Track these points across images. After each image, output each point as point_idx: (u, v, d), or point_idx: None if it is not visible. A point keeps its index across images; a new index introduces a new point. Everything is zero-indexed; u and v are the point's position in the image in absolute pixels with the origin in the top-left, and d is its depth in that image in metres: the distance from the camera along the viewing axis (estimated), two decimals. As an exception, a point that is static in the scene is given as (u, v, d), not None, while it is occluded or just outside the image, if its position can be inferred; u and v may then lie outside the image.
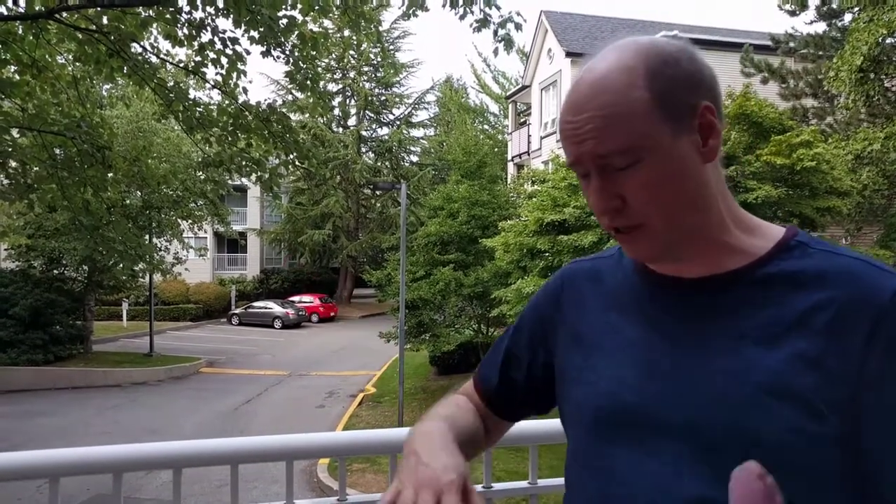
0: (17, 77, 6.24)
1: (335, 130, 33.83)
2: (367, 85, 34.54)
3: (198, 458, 1.38)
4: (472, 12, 5.80)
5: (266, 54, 6.46)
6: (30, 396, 15.28)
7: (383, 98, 35.51)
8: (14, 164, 6.76)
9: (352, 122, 35.24)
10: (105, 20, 6.00)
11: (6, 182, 6.97)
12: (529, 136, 24.48)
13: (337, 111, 34.13)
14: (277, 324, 27.54)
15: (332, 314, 30.17)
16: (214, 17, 6.15)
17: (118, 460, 1.34)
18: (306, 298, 30.17)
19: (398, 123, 35.87)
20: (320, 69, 12.18)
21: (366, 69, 34.14)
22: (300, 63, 6.88)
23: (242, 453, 1.40)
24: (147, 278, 21.01)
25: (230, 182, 11.29)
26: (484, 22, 5.84)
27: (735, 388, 0.72)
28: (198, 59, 6.44)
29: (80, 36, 5.92)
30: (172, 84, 6.92)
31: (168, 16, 6.00)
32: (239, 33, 6.20)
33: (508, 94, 29.30)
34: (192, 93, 7.67)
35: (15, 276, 18.41)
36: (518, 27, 5.95)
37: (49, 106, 6.64)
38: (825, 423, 0.68)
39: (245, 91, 6.85)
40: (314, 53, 6.92)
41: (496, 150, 30.53)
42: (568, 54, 20.56)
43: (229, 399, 15.05)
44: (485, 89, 37.60)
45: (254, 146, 7.34)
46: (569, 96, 0.77)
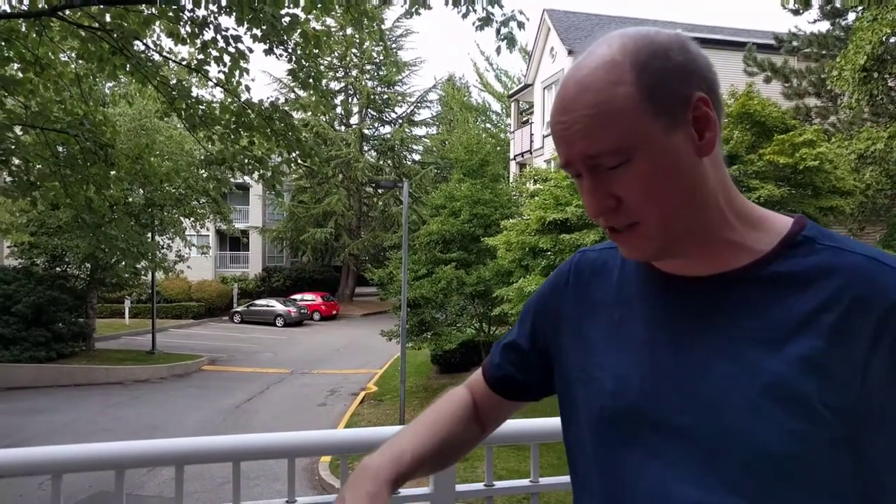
0: (21, 75, 6.26)
1: (337, 129, 33.82)
2: (370, 83, 34.54)
3: (200, 456, 1.38)
4: (475, 10, 5.79)
5: (268, 52, 6.47)
6: (32, 393, 15.31)
7: (385, 96, 35.48)
8: (17, 162, 6.76)
9: (354, 121, 35.25)
10: (108, 18, 6.02)
11: (9, 179, 6.97)
12: (532, 135, 24.46)
13: (339, 109, 34.15)
14: (279, 322, 27.56)
15: (334, 312, 30.21)
16: (217, 15, 6.16)
17: (120, 457, 1.34)
18: (308, 296, 30.19)
19: (400, 122, 35.85)
20: (323, 67, 12.19)
21: (368, 67, 34.14)
22: (302, 61, 6.89)
23: (244, 451, 1.40)
24: (149, 276, 21.04)
25: (232, 180, 11.30)
26: (486, 20, 5.82)
27: (737, 392, 0.70)
28: (200, 57, 6.45)
29: (83, 33, 5.93)
30: (175, 82, 6.93)
31: (171, 14, 5.99)
32: (241, 31, 6.21)
33: (511, 93, 29.29)
34: (195, 91, 7.66)
35: (18, 274, 18.43)
36: (520, 25, 5.92)
37: (52, 104, 6.65)
38: (828, 427, 0.67)
39: (247, 89, 6.87)
40: (316, 51, 6.92)
41: (498, 149, 30.49)
42: (570, 53, 20.52)
43: (231, 397, 15.06)
44: (487, 88, 37.57)
45: (256, 144, 7.35)
46: (557, 96, 0.76)
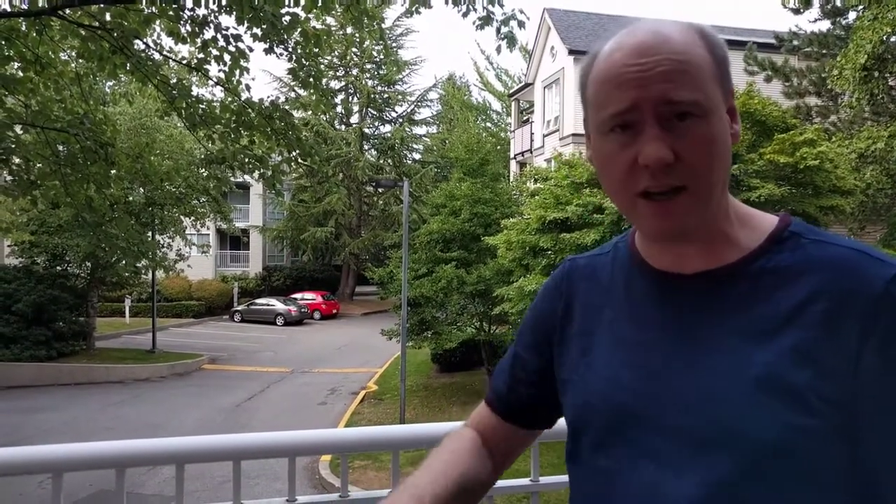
0: (21, 74, 6.26)
1: (338, 128, 33.80)
2: (370, 82, 34.51)
3: (200, 455, 1.38)
4: (475, 9, 5.78)
5: (269, 51, 6.46)
6: (33, 392, 15.32)
7: (386, 95, 35.47)
8: (17, 161, 6.76)
9: (354, 120, 35.23)
10: (108, 17, 6.00)
11: (10, 178, 6.97)
12: (532, 134, 24.45)
13: (339, 108, 34.14)
14: (280, 321, 27.57)
15: (335, 311, 30.21)
16: (217, 15, 6.15)
17: (121, 456, 1.34)
18: (308, 295, 30.19)
19: (401, 121, 35.84)
20: (323, 66, 12.18)
21: (368, 66, 34.11)
22: (303, 60, 6.88)
23: (245, 450, 1.40)
24: (150, 275, 21.05)
25: (233, 179, 11.30)
26: (487, 19, 5.82)
27: (728, 386, 0.71)
28: (200, 56, 6.45)
29: (83, 32, 5.93)
30: (175, 81, 6.93)
31: (171, 13, 5.99)
32: (241, 30, 6.20)
33: (511, 92, 29.28)
34: (195, 90, 7.66)
35: (18, 273, 18.44)
36: (521, 25, 5.92)
37: (52, 103, 6.65)
38: (821, 419, 0.67)
39: (248, 88, 6.86)
40: (317, 51, 6.92)
41: (499, 148, 30.49)
42: (571, 52, 20.50)
43: (231, 396, 15.07)
44: (487, 87, 37.53)
45: (256, 143, 7.35)
46: (626, 42, 0.73)
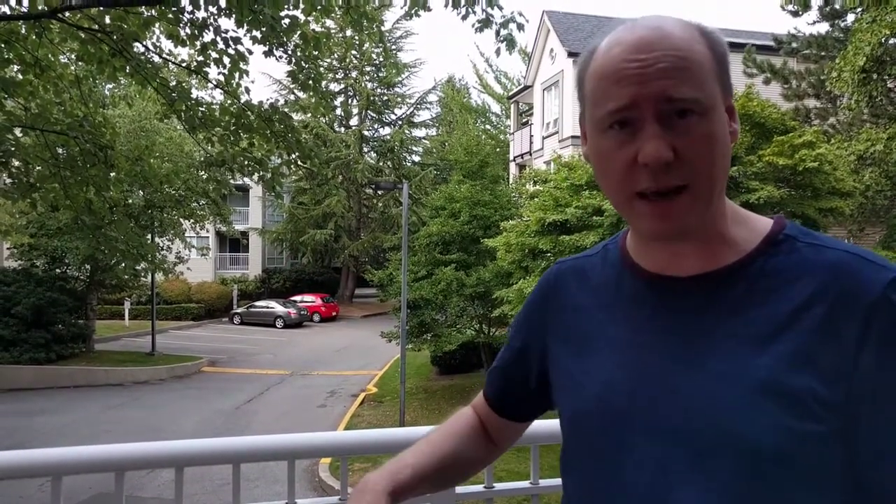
0: (20, 76, 6.25)
1: (337, 130, 33.84)
2: (369, 85, 34.56)
3: (200, 458, 1.38)
4: (475, 12, 5.78)
5: (268, 54, 6.47)
6: (32, 395, 15.30)
7: (385, 98, 35.52)
8: (17, 164, 6.77)
9: (354, 122, 35.27)
10: (108, 20, 6.01)
11: (9, 181, 6.98)
12: (531, 137, 24.46)
13: (339, 111, 34.17)
14: (279, 323, 27.56)
15: (334, 314, 30.21)
16: (217, 17, 6.16)
17: (120, 459, 1.34)
18: (308, 298, 30.18)
19: (400, 123, 35.88)
20: (322, 69, 12.18)
21: (368, 69, 34.16)
22: (302, 63, 6.88)
23: (244, 452, 1.40)
24: (149, 278, 21.04)
25: (232, 181, 11.30)
26: (486, 22, 5.82)
27: (726, 390, 0.69)
28: (200, 59, 6.45)
29: (83, 35, 5.93)
30: (175, 84, 6.93)
31: (170, 15, 6.00)
32: (241, 33, 6.21)
33: (510, 95, 29.30)
34: (195, 92, 7.67)
35: (17, 275, 18.43)
36: (520, 27, 5.92)
37: (52, 105, 6.65)
38: (820, 422, 0.67)
39: (247, 91, 6.86)
40: (316, 53, 6.92)
41: (498, 151, 30.53)
42: (570, 54, 20.53)
43: (231, 398, 15.06)
44: (487, 89, 37.57)
45: (256, 146, 7.35)
46: (625, 37, 0.71)
